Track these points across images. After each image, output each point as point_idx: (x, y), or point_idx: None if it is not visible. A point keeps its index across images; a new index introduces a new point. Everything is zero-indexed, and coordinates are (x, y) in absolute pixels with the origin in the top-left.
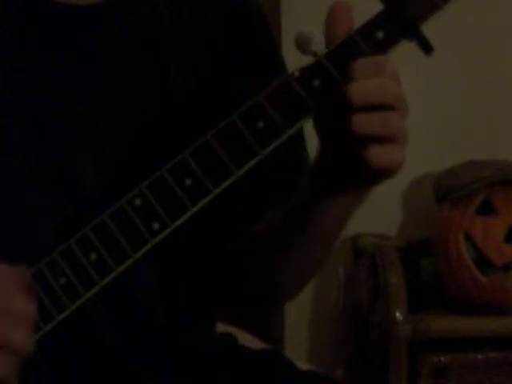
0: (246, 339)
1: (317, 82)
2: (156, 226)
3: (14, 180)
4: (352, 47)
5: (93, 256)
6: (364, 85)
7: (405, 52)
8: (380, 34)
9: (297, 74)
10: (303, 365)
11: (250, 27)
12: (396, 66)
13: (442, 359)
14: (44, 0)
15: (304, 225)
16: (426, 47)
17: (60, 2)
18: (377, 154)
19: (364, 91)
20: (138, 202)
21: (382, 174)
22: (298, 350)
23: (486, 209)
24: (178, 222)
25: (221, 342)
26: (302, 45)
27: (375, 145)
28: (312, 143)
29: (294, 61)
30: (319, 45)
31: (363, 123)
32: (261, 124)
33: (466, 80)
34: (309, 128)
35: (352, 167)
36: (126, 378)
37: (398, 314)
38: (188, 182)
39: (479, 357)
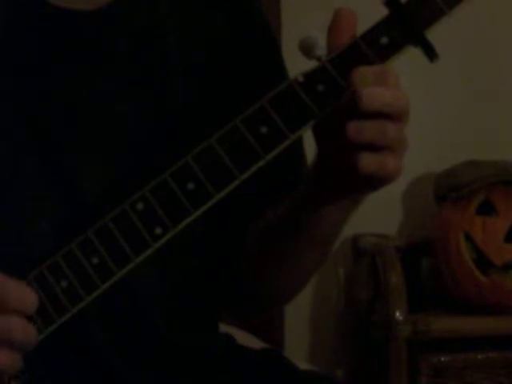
0: (246, 339)
1: (321, 87)
2: (158, 230)
3: (15, 182)
4: (356, 52)
5: (95, 259)
6: (369, 91)
7: (404, 52)
8: (384, 40)
9: (301, 78)
10: (303, 365)
11: (251, 28)
12: (397, 73)
13: (442, 359)
14: (43, 4)
15: (301, 228)
16: (431, 53)
17: (60, 7)
18: (368, 162)
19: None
20: (140, 205)
21: (376, 181)
22: (298, 350)
23: (486, 209)
24: (181, 227)
25: (220, 342)
26: (307, 49)
27: (367, 152)
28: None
29: (293, 62)
30: (323, 49)
31: (358, 130)
32: (264, 129)
33: (467, 80)
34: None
35: (346, 173)
36: (126, 379)
37: (397, 314)
38: (191, 186)
39: (479, 357)
